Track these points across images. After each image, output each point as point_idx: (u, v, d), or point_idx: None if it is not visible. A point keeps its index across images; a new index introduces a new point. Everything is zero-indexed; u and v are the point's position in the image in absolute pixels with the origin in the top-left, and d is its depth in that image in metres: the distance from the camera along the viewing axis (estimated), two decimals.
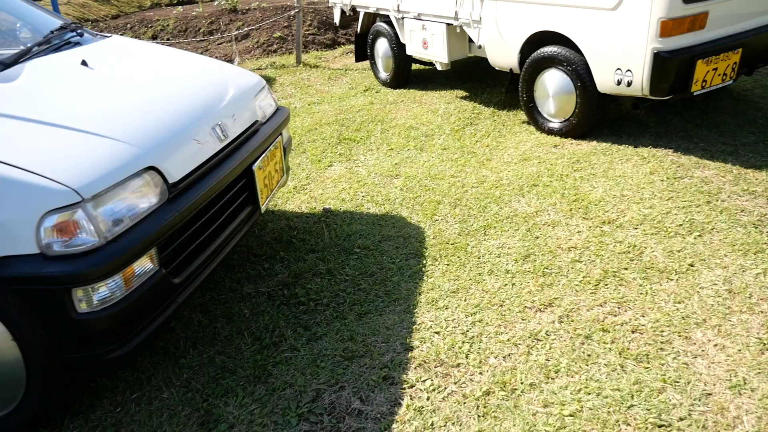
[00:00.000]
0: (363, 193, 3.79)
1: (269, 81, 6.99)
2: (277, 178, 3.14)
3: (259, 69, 7.65)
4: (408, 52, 5.33)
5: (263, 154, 2.91)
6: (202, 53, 9.57)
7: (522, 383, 2.06)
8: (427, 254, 2.98)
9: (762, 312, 2.25)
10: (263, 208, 2.91)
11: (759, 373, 1.98)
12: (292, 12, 7.91)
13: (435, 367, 2.20)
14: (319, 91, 6.30)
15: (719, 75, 3.42)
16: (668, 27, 3.17)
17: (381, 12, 5.55)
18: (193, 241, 2.42)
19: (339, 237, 3.29)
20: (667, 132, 3.95)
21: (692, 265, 2.58)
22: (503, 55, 4.28)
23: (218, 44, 9.70)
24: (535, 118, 4.21)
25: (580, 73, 3.71)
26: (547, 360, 2.15)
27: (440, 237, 3.11)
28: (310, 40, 8.99)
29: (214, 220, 2.57)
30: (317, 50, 8.60)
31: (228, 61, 8.75)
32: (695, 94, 3.40)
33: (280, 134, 3.23)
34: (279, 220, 3.64)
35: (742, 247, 2.66)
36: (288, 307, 2.71)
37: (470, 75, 5.76)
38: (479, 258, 2.87)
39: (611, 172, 3.51)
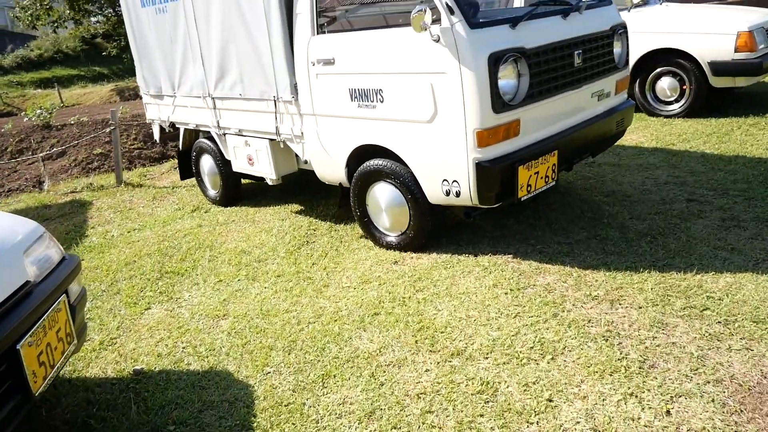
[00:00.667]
0: (184, 343, 3.21)
1: (85, 205, 6.21)
2: (62, 348, 2.50)
3: (73, 192, 6.83)
4: (234, 169, 4.94)
5: (36, 325, 2.30)
6: (9, 175, 8.47)
7: None
8: (256, 424, 2.46)
9: None
10: (38, 393, 2.27)
11: None
12: (107, 129, 7.27)
13: None
14: (141, 214, 5.66)
15: (542, 178, 3.40)
16: (484, 137, 3.09)
17: (202, 128, 5.16)
18: None
19: (150, 410, 2.67)
20: (504, 236, 3.86)
21: (551, 400, 2.32)
22: (330, 170, 4.03)
23: (29, 164, 8.67)
24: (371, 233, 3.95)
25: (409, 186, 3.53)
26: None
27: (272, 396, 2.61)
28: (136, 155, 8.33)
29: None
30: (144, 165, 7.96)
31: (38, 183, 7.79)
32: (523, 199, 3.33)
33: (65, 292, 2.63)
34: (76, 392, 2.94)
35: (597, 368, 2.46)
36: None
37: (305, 186, 5.47)
38: (317, 422, 2.41)
39: (454, 289, 3.28)
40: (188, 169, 5.71)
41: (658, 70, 6.21)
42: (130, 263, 4.43)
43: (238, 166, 4.89)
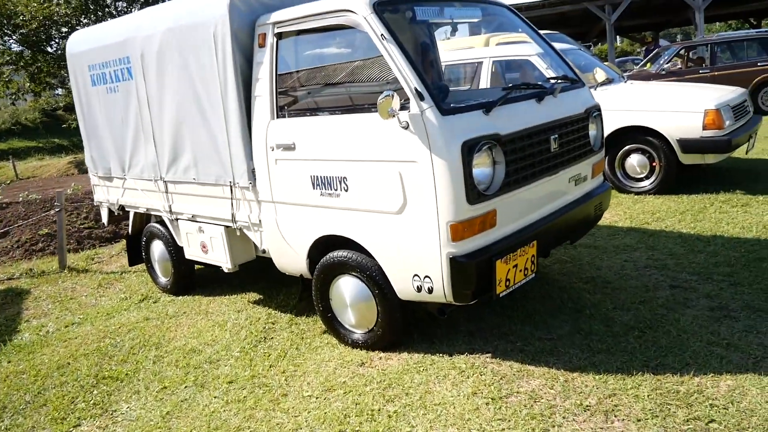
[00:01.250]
0: None
1: (21, 294, 5.68)
2: None
3: (10, 278, 6.28)
4: (187, 256, 4.56)
5: None
6: None
7: None
8: None
9: None
10: None
11: None
12: (52, 212, 6.82)
13: None
14: (83, 305, 5.16)
15: (520, 271, 3.13)
16: (459, 230, 2.82)
17: (153, 213, 4.79)
18: None
19: None
20: (480, 330, 3.54)
21: None
22: (290, 261, 3.69)
23: None
24: (336, 329, 3.58)
25: (377, 280, 3.21)
26: None
27: None
28: (86, 234, 7.83)
29: None
30: (94, 247, 7.46)
31: None
32: (501, 295, 3.04)
33: None
34: None
35: None
36: None
37: (264, 272, 5.07)
38: None
39: (429, 398, 2.91)
40: (138, 254, 5.30)
41: (627, 147, 6.16)
42: (63, 366, 3.93)
43: (191, 253, 4.51)
